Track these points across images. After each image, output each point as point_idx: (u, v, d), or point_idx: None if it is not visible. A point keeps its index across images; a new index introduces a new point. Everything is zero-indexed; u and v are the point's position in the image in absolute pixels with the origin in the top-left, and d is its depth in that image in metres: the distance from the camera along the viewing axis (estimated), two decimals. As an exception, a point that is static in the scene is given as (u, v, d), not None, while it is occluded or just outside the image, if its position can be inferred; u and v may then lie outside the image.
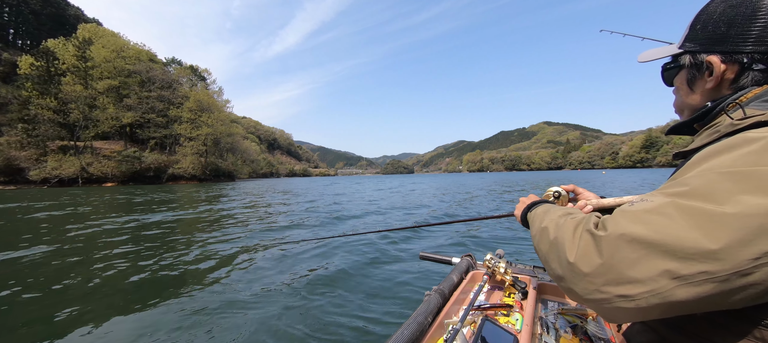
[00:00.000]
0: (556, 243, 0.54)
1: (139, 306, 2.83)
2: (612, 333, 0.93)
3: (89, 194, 21.15)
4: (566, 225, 0.54)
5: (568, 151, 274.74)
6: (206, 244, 5.30)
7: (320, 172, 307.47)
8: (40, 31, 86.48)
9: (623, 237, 0.42)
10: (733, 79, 0.55)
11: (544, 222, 0.62)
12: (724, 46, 0.55)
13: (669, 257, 0.39)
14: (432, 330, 0.94)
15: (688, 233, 0.38)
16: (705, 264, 0.37)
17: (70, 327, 2.47)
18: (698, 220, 0.39)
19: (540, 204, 0.80)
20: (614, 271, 0.42)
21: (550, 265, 0.55)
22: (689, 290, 0.38)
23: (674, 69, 0.67)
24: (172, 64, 76.44)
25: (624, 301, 0.41)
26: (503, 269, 1.27)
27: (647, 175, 45.47)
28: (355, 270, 3.64)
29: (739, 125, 0.50)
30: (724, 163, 0.43)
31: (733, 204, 0.38)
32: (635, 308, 0.41)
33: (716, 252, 0.37)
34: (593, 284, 0.44)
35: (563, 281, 0.50)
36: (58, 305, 2.87)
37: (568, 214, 0.60)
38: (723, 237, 0.37)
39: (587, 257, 0.45)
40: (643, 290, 0.40)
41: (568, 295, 0.51)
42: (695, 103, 0.63)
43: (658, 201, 0.44)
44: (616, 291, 0.42)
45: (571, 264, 0.47)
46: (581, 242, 0.48)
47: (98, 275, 3.68)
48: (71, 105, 49.73)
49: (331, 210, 10.14)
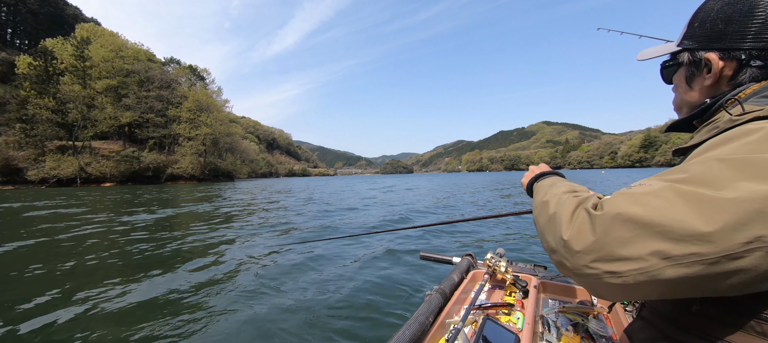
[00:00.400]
0: (554, 218, 0.54)
1: (131, 305, 2.82)
2: (613, 331, 0.93)
3: (87, 194, 21.08)
4: (568, 203, 0.54)
5: (567, 150, 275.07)
6: (205, 244, 5.29)
7: (319, 172, 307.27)
8: (38, 30, 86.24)
9: (619, 217, 0.42)
10: (732, 75, 0.56)
11: (547, 196, 0.62)
12: (722, 43, 0.55)
13: (661, 237, 0.39)
14: (433, 330, 0.94)
15: (684, 216, 0.39)
16: (696, 246, 0.37)
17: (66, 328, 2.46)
18: (696, 204, 0.39)
19: (548, 175, 0.79)
20: (606, 248, 0.42)
21: (545, 237, 0.55)
22: (677, 271, 0.38)
23: (673, 67, 0.67)
24: (171, 63, 76.27)
25: (611, 277, 0.42)
26: (504, 267, 1.27)
27: (648, 175, 45.50)
28: (354, 271, 3.63)
29: (737, 121, 0.50)
30: (724, 152, 0.44)
31: (731, 189, 0.38)
32: (622, 284, 0.42)
33: (709, 234, 0.37)
34: (583, 260, 0.45)
35: (555, 255, 0.51)
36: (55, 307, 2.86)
37: (572, 191, 0.60)
38: (718, 220, 0.37)
39: (581, 234, 0.46)
40: (631, 267, 0.40)
41: (557, 268, 0.52)
42: (694, 101, 0.63)
43: (657, 185, 0.44)
44: (605, 267, 0.42)
45: (565, 241, 0.48)
46: (577, 220, 0.48)
47: (87, 275, 3.67)
48: (69, 105, 49.54)
49: (328, 210, 10.13)
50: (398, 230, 2.09)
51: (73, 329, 2.44)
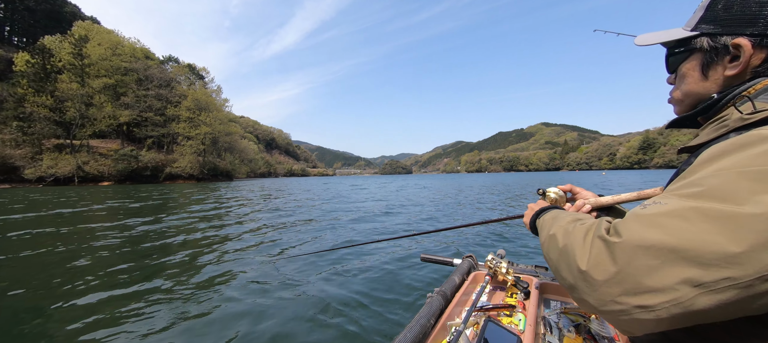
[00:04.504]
0: (565, 251, 0.51)
1: (126, 306, 2.80)
2: (615, 332, 0.92)
3: (84, 192, 20.98)
4: (576, 231, 0.51)
5: (565, 152, 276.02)
6: (203, 243, 5.26)
7: (318, 172, 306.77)
8: (36, 27, 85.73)
9: (639, 243, 0.40)
10: (759, 65, 0.51)
11: (553, 229, 0.59)
12: (755, 27, 0.49)
13: (689, 263, 0.36)
14: (435, 332, 0.93)
15: (708, 237, 0.36)
16: (727, 270, 0.35)
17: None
18: (717, 222, 0.36)
19: (548, 210, 0.77)
20: (631, 280, 0.39)
21: (560, 274, 0.52)
22: (712, 298, 0.35)
23: (684, 53, 0.61)
24: (170, 62, 75.98)
25: (643, 312, 0.39)
26: (505, 269, 1.27)
27: (648, 176, 45.75)
28: (355, 273, 3.62)
29: (749, 120, 0.47)
30: (740, 162, 0.41)
31: (753, 204, 0.36)
32: (656, 319, 0.38)
33: (738, 256, 0.34)
34: (609, 294, 0.42)
35: (575, 291, 0.47)
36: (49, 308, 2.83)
37: (576, 220, 0.57)
38: (745, 240, 0.34)
39: (601, 264, 0.43)
40: (663, 299, 0.37)
41: (580, 306, 0.48)
42: (705, 92, 0.58)
43: (673, 203, 0.42)
44: (634, 302, 0.39)
45: (583, 273, 0.45)
46: (593, 249, 0.45)
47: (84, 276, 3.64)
48: (67, 103, 49.27)
49: (326, 212, 10.10)
50: (402, 237, 2.06)
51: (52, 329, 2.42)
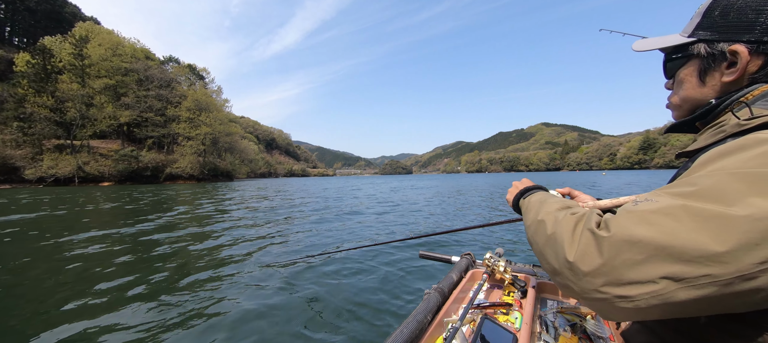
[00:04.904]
0: (553, 238, 0.52)
1: (124, 307, 2.80)
2: (610, 332, 0.93)
3: (85, 193, 20.99)
4: (566, 221, 0.52)
5: (566, 152, 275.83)
6: (201, 244, 5.27)
7: (318, 172, 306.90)
8: (37, 28, 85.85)
9: (627, 238, 0.41)
10: (755, 71, 0.51)
11: (541, 214, 0.60)
12: (752, 34, 0.51)
13: (673, 259, 0.38)
14: (431, 329, 0.94)
15: (695, 236, 0.37)
16: (708, 267, 0.36)
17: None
18: (706, 222, 0.37)
19: (534, 191, 0.76)
20: (615, 272, 0.41)
21: (545, 259, 0.54)
22: (691, 293, 0.37)
23: (681, 59, 0.61)
24: (170, 62, 76.03)
25: (623, 301, 0.41)
26: (503, 267, 1.27)
27: (647, 176, 45.70)
28: (353, 269, 3.63)
29: (746, 125, 0.48)
30: (734, 164, 0.42)
31: (742, 206, 0.36)
32: (634, 308, 0.41)
33: (721, 255, 0.35)
34: (592, 284, 0.43)
35: (559, 277, 0.49)
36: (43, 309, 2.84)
37: (567, 207, 0.58)
38: (730, 240, 0.35)
39: (587, 256, 0.44)
40: (643, 291, 0.39)
41: (562, 290, 0.50)
42: (702, 98, 0.59)
43: (664, 201, 0.42)
44: (615, 292, 0.41)
45: (570, 263, 0.46)
46: (582, 241, 0.46)
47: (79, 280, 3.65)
48: (68, 103, 49.29)
49: (326, 212, 10.12)
50: (402, 240, 2.06)
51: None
